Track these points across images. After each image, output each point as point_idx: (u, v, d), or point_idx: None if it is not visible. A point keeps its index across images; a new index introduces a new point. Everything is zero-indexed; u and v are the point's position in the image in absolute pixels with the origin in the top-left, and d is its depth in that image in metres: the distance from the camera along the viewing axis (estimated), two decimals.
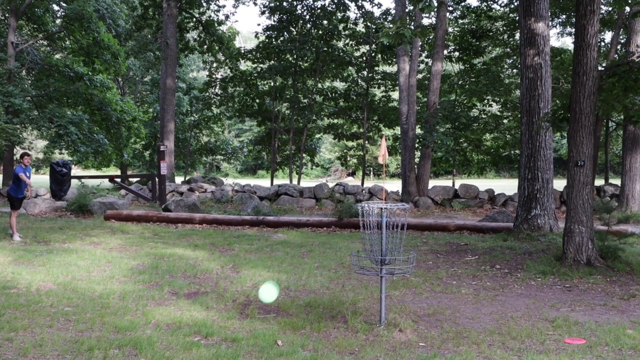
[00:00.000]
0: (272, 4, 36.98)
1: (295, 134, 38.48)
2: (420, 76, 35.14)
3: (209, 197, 28.80)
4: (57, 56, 37.66)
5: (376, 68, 38.77)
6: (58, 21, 35.93)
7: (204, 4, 39.63)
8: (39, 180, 46.12)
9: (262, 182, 45.84)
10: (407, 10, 27.97)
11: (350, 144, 50.11)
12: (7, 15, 32.08)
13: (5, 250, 12.88)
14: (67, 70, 32.91)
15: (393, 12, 32.76)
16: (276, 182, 37.32)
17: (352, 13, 50.85)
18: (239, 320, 7.64)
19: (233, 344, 6.63)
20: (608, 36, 34.23)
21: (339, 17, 37.03)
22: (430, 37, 33.14)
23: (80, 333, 6.94)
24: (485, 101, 34.47)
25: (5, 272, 10.40)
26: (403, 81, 27.92)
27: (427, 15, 31.61)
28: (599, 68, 12.00)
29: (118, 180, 27.95)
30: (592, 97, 11.41)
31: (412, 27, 20.17)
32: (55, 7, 35.95)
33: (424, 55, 36.51)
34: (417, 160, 29.40)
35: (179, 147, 46.04)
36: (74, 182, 26.41)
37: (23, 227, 17.01)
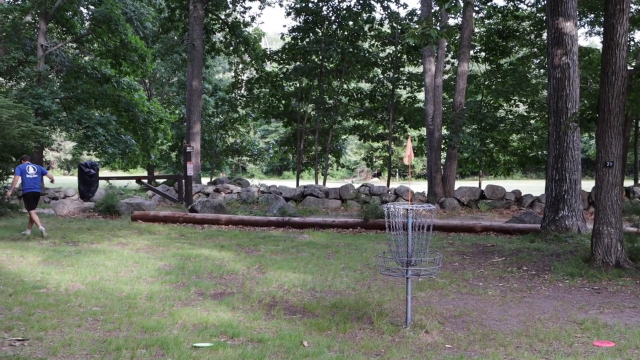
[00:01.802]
0: (298, 5, 36.99)
1: (321, 135, 38.45)
2: (446, 77, 34.97)
3: (235, 198, 28.90)
4: (85, 58, 37.98)
5: (402, 69, 38.64)
6: (86, 24, 36.23)
7: (230, 6, 39.80)
8: (68, 181, 46.59)
9: (288, 183, 45.87)
10: (433, 10, 27.85)
11: (375, 145, 49.97)
12: (37, 18, 32.39)
13: (35, 251, 13.02)
14: (95, 73, 33.20)
15: (419, 12, 32.61)
16: (302, 183, 37.36)
17: (378, 14, 50.88)
18: (265, 320, 7.66)
19: (259, 344, 6.65)
20: (638, 35, 33.89)
21: (365, 17, 36.92)
22: (456, 37, 33.00)
23: (108, 333, 7.00)
24: (512, 102, 34.28)
25: (34, 272, 10.52)
26: (429, 82, 27.81)
27: (453, 15, 31.43)
28: (628, 68, 11.88)
29: (145, 181, 28.12)
30: (621, 97, 11.31)
31: (438, 28, 20.12)
32: (84, 10, 36.25)
33: (450, 55, 36.34)
34: (442, 161, 29.29)
35: (205, 149, 46.26)
36: (101, 183, 26.62)
37: (52, 227, 17.19)
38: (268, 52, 40.71)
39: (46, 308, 8.04)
